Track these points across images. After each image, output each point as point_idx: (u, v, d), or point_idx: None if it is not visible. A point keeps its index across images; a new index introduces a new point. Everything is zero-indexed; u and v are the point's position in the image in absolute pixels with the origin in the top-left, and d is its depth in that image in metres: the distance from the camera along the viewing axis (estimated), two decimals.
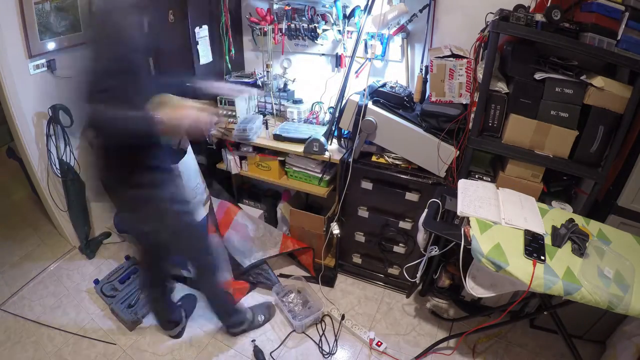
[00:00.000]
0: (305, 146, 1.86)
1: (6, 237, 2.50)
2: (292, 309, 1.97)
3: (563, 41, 1.34)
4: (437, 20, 1.81)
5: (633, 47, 1.32)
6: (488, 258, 1.21)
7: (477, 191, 1.50)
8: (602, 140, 1.46)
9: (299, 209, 2.14)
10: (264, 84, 2.13)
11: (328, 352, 1.80)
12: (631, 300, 1.11)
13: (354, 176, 1.84)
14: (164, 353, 1.78)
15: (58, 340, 1.83)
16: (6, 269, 2.26)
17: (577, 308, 1.28)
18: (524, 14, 1.36)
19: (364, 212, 1.96)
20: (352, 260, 2.20)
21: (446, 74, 1.60)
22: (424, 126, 1.70)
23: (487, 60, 1.45)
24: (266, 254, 2.17)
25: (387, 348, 1.81)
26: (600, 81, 1.39)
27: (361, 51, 1.91)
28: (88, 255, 2.33)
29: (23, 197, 2.87)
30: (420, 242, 1.60)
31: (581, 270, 1.19)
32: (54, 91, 2.00)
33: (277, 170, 2.06)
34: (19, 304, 2.02)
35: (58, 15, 1.91)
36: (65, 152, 2.08)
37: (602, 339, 1.81)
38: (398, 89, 1.81)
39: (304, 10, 1.92)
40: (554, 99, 1.47)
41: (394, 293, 2.15)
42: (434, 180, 1.74)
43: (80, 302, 2.05)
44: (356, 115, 1.72)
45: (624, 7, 1.31)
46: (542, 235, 1.30)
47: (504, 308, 1.71)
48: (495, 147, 1.60)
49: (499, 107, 1.55)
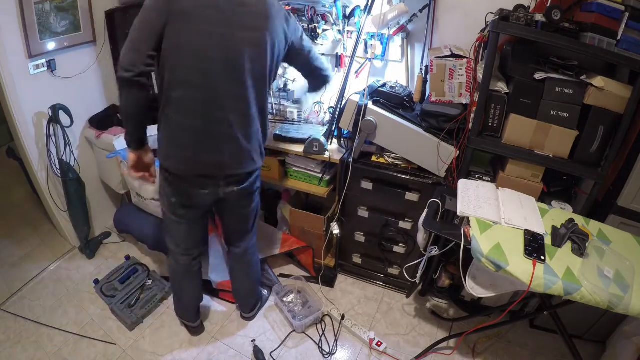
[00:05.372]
0: (305, 146, 1.86)
1: (6, 237, 2.49)
2: (292, 309, 1.97)
3: (563, 41, 1.34)
4: (437, 20, 1.81)
5: (633, 47, 1.32)
6: (488, 258, 1.21)
7: (477, 191, 1.50)
8: (602, 140, 1.46)
9: (299, 209, 2.14)
10: None
11: (328, 352, 1.80)
12: (631, 300, 1.11)
13: (354, 176, 1.84)
14: (164, 353, 1.78)
15: (58, 340, 1.83)
16: (6, 269, 2.26)
17: (577, 308, 1.28)
18: (524, 14, 1.36)
19: (364, 212, 1.96)
20: (352, 260, 2.20)
21: (446, 74, 1.60)
22: (424, 126, 1.70)
23: (487, 60, 1.45)
24: (266, 253, 2.17)
25: (387, 348, 1.81)
26: (600, 81, 1.39)
27: (361, 51, 1.91)
28: (88, 255, 2.33)
29: (23, 197, 2.87)
30: (420, 242, 1.60)
31: (581, 270, 1.19)
32: (54, 91, 2.00)
33: (277, 170, 2.06)
34: (19, 304, 2.02)
35: (58, 15, 1.91)
36: (65, 152, 2.08)
37: (602, 339, 1.81)
38: (398, 89, 1.81)
39: (304, 10, 1.91)
40: (554, 99, 1.47)
41: (394, 293, 2.15)
42: (434, 180, 1.74)
43: (80, 302, 2.05)
44: (356, 115, 1.72)
45: (624, 7, 1.31)
46: (542, 235, 1.30)
47: (504, 308, 1.71)
48: (495, 147, 1.60)
49: (499, 107, 1.55)
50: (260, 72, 1.29)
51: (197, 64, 1.21)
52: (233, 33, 1.20)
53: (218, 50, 1.20)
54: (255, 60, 1.26)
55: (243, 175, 1.44)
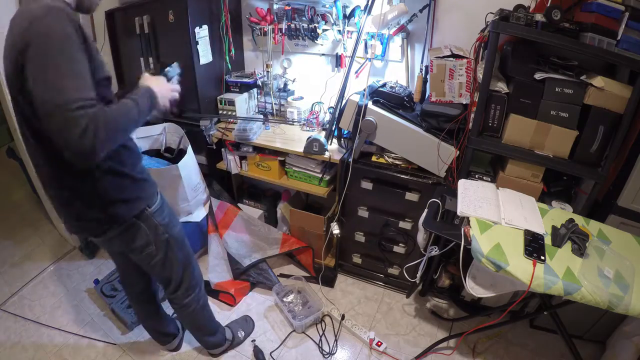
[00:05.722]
0: (305, 146, 1.86)
1: (6, 237, 2.50)
2: (292, 309, 1.96)
3: (563, 41, 1.34)
4: (437, 20, 1.81)
5: (633, 47, 1.32)
6: (488, 258, 1.21)
7: (477, 191, 1.50)
8: (602, 140, 1.46)
9: (299, 209, 2.14)
10: (264, 84, 2.14)
11: (328, 352, 1.80)
12: (631, 300, 1.11)
13: (354, 176, 1.84)
14: (164, 353, 1.78)
15: (58, 340, 1.83)
16: (6, 269, 2.26)
17: (577, 308, 1.28)
18: (524, 14, 1.36)
19: (364, 212, 1.96)
20: (352, 260, 2.20)
21: (446, 74, 1.60)
22: (424, 126, 1.70)
23: (487, 60, 1.45)
24: (266, 253, 2.17)
25: (387, 348, 1.81)
26: (600, 81, 1.39)
27: (361, 51, 1.91)
28: (88, 255, 2.33)
29: (23, 197, 2.87)
30: (420, 242, 1.60)
31: (581, 270, 1.19)
32: None
33: (277, 170, 2.06)
34: (19, 304, 2.02)
35: None
36: None
37: (602, 339, 1.81)
38: (398, 89, 1.81)
39: (304, 10, 1.92)
40: (554, 99, 1.47)
41: (394, 293, 2.15)
42: (434, 180, 1.74)
43: (80, 302, 2.05)
44: (356, 115, 1.72)
45: (624, 7, 1.31)
46: (542, 235, 1.30)
47: (504, 308, 1.71)
48: (495, 147, 1.60)
49: (499, 107, 1.55)
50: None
51: None
52: None
53: None
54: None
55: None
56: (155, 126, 2.06)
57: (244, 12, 2.15)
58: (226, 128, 2.06)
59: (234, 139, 2.01)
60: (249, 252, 2.18)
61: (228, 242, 2.14)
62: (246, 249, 2.19)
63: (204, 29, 1.94)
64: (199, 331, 1.67)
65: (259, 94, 2.22)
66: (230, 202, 2.21)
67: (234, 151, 2.12)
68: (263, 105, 2.22)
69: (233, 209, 2.19)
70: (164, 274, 1.40)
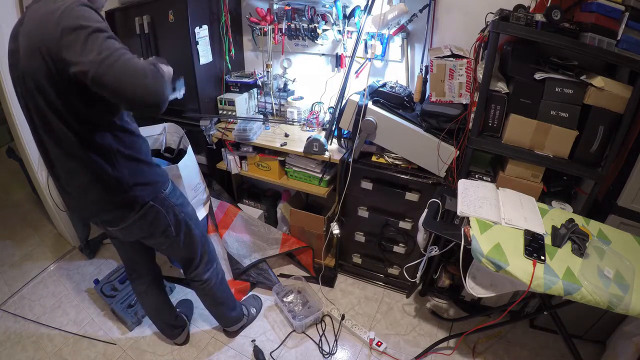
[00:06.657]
0: (305, 146, 1.86)
1: (6, 237, 2.50)
2: (292, 309, 1.96)
3: (563, 41, 1.34)
4: (437, 20, 1.81)
5: (633, 47, 1.32)
6: (488, 258, 1.21)
7: (477, 191, 1.50)
8: (602, 140, 1.46)
9: (299, 209, 2.14)
10: (264, 84, 2.14)
11: (328, 352, 1.80)
12: (631, 300, 1.11)
13: (354, 176, 1.84)
14: (164, 353, 1.78)
15: (58, 340, 1.83)
16: (6, 269, 2.26)
17: (577, 308, 1.28)
18: (524, 14, 1.36)
19: (364, 212, 1.96)
20: (352, 260, 2.20)
21: (446, 74, 1.60)
22: (424, 126, 1.70)
23: (487, 60, 1.45)
24: (266, 253, 2.17)
25: (387, 348, 1.81)
26: (600, 81, 1.39)
27: (361, 51, 1.91)
28: (88, 255, 2.33)
29: (23, 197, 2.87)
30: (420, 242, 1.60)
31: (581, 270, 1.19)
32: None
33: (277, 170, 2.06)
34: (19, 304, 2.02)
35: None
36: None
37: (602, 339, 1.81)
38: (398, 89, 1.81)
39: (304, 10, 1.92)
40: (554, 99, 1.47)
41: (394, 293, 2.15)
42: (434, 180, 1.74)
43: (80, 302, 2.05)
44: (356, 115, 1.72)
45: (624, 7, 1.31)
46: (542, 235, 1.30)
47: (504, 308, 1.71)
48: (495, 147, 1.60)
49: (499, 107, 1.55)
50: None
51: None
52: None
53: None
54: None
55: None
56: (155, 126, 2.06)
57: (244, 12, 2.16)
58: (226, 128, 2.07)
59: (234, 139, 2.01)
60: (249, 252, 2.17)
61: (228, 242, 2.13)
62: (246, 249, 2.18)
63: (204, 29, 1.94)
64: (221, 306, 1.73)
65: (259, 94, 2.23)
66: (230, 202, 2.21)
67: (234, 151, 2.12)
68: (263, 105, 2.22)
69: (233, 209, 2.19)
70: (185, 253, 1.48)
